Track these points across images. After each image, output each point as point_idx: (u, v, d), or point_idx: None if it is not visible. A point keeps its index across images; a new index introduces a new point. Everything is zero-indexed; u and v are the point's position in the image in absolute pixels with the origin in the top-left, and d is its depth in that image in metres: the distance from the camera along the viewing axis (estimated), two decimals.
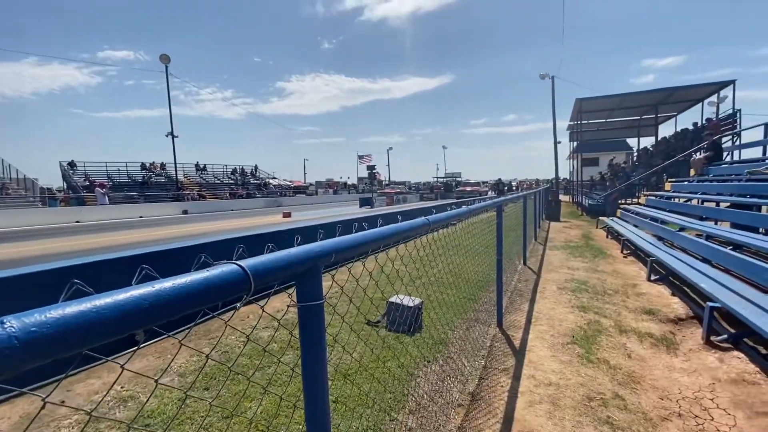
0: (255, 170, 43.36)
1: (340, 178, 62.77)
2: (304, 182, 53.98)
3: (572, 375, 2.94)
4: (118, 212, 21.30)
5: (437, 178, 58.05)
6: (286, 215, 19.01)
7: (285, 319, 4.15)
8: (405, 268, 2.20)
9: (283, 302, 4.92)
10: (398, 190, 40.43)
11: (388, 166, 57.88)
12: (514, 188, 40.67)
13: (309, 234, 6.44)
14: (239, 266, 0.68)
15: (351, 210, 23.35)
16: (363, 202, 27.70)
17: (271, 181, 42.44)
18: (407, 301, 3.62)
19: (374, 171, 32.62)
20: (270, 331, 3.77)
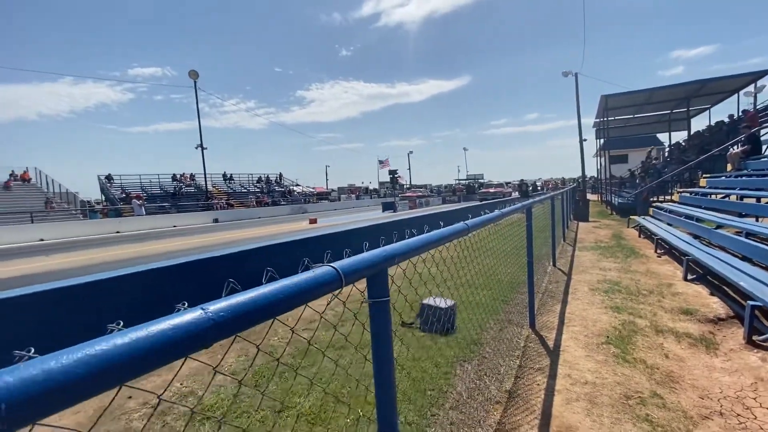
0: (279, 178, 44.45)
1: (362, 183, 63.31)
2: (327, 188, 54.81)
3: (608, 374, 2.98)
4: (154, 222, 22.35)
5: (459, 180, 57.67)
6: (313, 221, 19.44)
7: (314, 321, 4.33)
8: (437, 270, 2.33)
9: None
10: (420, 194, 40.46)
11: (409, 170, 58.11)
12: (539, 188, 39.90)
13: (346, 239, 6.67)
14: (333, 267, 0.84)
15: (374, 215, 23.59)
16: (386, 207, 27.90)
17: (295, 188, 43.40)
18: (440, 303, 3.74)
19: (396, 175, 32.77)
20: (308, 333, 3.97)
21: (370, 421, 2.35)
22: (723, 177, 10.02)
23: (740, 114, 17.54)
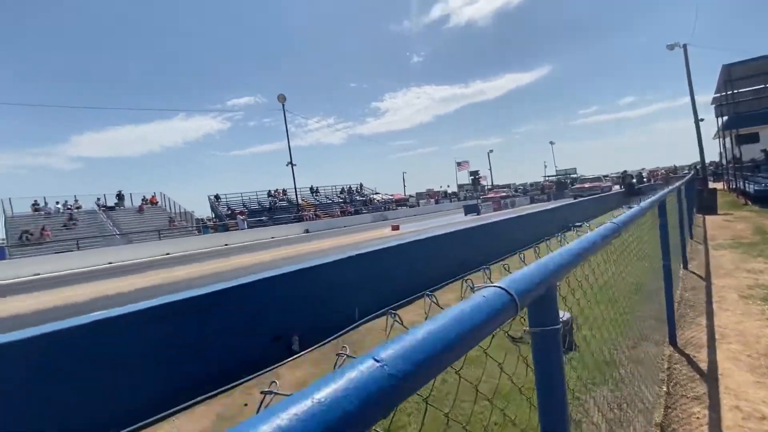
0: (360, 188, 46.02)
1: (440, 187, 62.29)
2: (405, 195, 55.15)
3: None
4: (255, 234, 24.69)
5: (547, 177, 53.72)
6: (395, 228, 19.58)
7: None
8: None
9: (415, 315, 4.97)
10: (503, 194, 38.40)
11: (490, 170, 55.31)
12: (645, 180, 35.17)
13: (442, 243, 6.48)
14: (503, 289, 0.64)
15: (457, 218, 22.97)
16: (468, 210, 27.00)
17: (375, 197, 44.49)
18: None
19: (478, 176, 31.63)
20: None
21: None
22: None
23: None
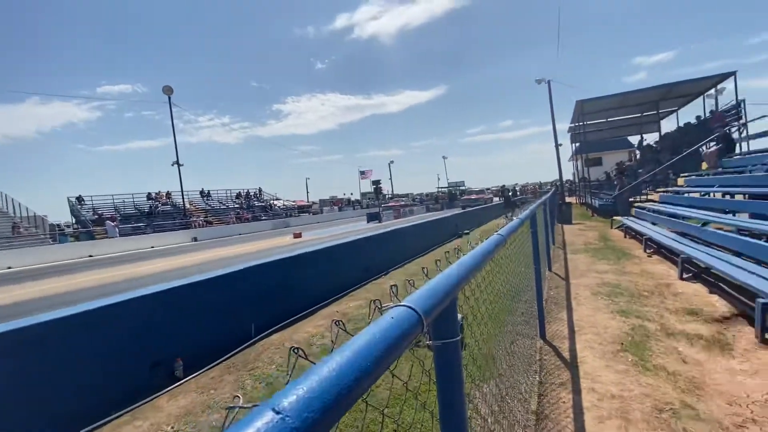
0: (259, 192, 43.61)
1: (344, 195, 62.90)
2: (308, 201, 54.13)
3: (633, 385, 2.84)
4: (129, 244, 21.37)
5: (440, 189, 58.12)
6: (297, 235, 18.99)
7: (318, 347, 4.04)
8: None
9: (316, 328, 4.84)
10: (403, 203, 40.43)
11: (391, 180, 57.98)
12: (518, 193, 40.56)
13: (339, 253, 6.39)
14: (410, 308, 0.63)
15: (360, 226, 23.32)
16: (370, 218, 27.66)
17: (276, 203, 42.63)
18: None
19: (379, 185, 32.71)
20: None
21: None
22: (698, 176, 10.31)
23: (709, 115, 18.32)
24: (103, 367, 3.05)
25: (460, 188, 53.57)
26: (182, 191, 29.74)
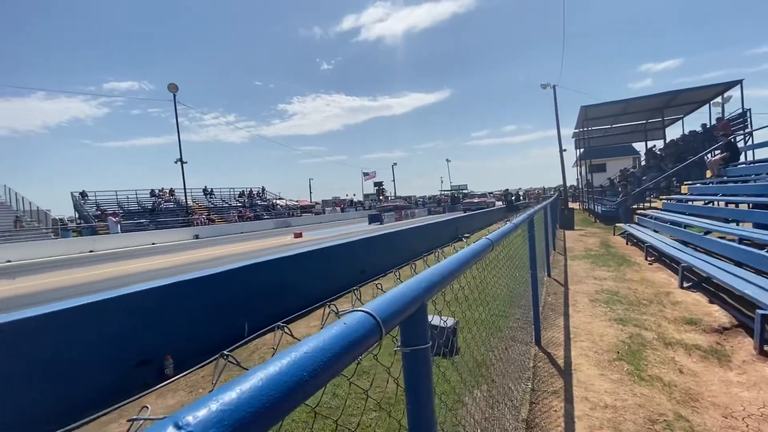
0: (262, 192, 43.69)
1: (346, 196, 62.82)
2: (311, 201, 54.17)
3: (627, 395, 2.78)
4: (131, 240, 21.43)
5: (443, 191, 58.04)
6: (298, 235, 18.98)
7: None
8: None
9: (309, 328, 4.80)
10: (397, 204, 40.39)
11: (393, 182, 57.75)
12: (521, 198, 40.43)
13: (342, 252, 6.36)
14: (368, 313, 0.60)
15: (361, 227, 23.29)
16: (372, 219, 27.64)
17: (278, 202, 42.68)
18: (439, 322, 3.49)
19: (382, 187, 32.66)
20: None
21: None
22: (702, 184, 10.22)
23: (714, 122, 18.19)
24: (93, 363, 3.03)
25: (463, 191, 53.48)
26: (185, 189, 29.82)
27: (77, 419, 2.75)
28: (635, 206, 14.91)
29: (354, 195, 64.39)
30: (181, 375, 3.48)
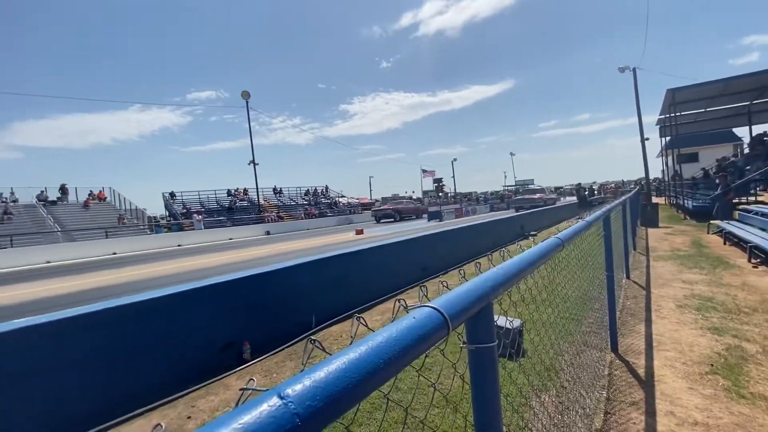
0: (325, 190, 45.51)
1: (405, 193, 63.16)
2: (371, 199, 55.22)
3: (722, 413, 2.48)
4: (211, 236, 23.65)
5: (506, 187, 55.76)
6: (359, 232, 19.51)
7: None
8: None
9: (372, 322, 4.94)
10: (454, 202, 39.41)
11: (453, 178, 56.47)
12: (596, 193, 37.34)
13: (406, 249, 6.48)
14: (436, 309, 0.63)
15: (421, 224, 23.26)
16: (431, 216, 27.44)
17: (341, 200, 44.16)
18: (504, 323, 3.39)
19: (441, 183, 32.28)
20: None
21: None
22: None
23: None
24: (187, 344, 3.43)
25: (529, 186, 50.85)
26: (257, 188, 32.11)
27: (170, 394, 3.13)
28: (736, 201, 13.04)
29: (413, 192, 64.41)
30: (258, 360, 3.79)
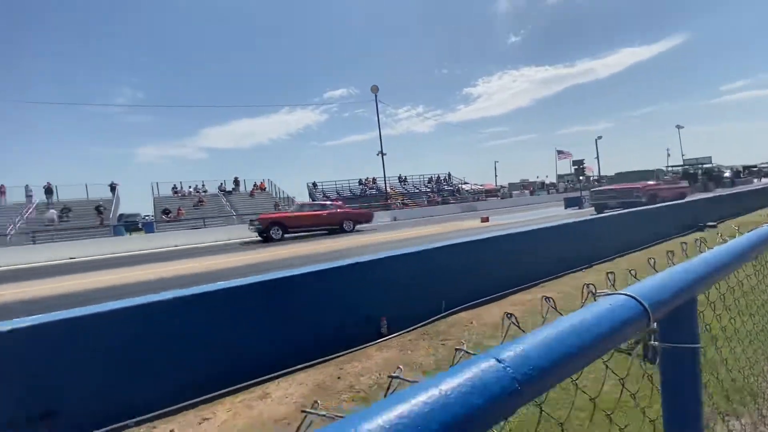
0: (448, 177, 45.30)
1: (536, 178, 58.06)
2: (496, 185, 52.65)
3: None
4: None
5: (671, 167, 46.36)
6: (484, 220, 18.91)
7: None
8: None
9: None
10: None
11: (597, 158, 49.15)
12: None
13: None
14: (632, 297, 0.57)
15: (556, 212, 21.24)
16: (569, 203, 24.74)
17: (463, 186, 43.37)
18: None
19: (582, 165, 28.75)
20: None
21: None
22: None
23: None
24: (338, 313, 3.93)
25: (705, 166, 41.14)
26: (384, 177, 34.01)
27: (320, 356, 3.61)
28: None
29: (546, 177, 58.93)
30: (394, 335, 4.07)
